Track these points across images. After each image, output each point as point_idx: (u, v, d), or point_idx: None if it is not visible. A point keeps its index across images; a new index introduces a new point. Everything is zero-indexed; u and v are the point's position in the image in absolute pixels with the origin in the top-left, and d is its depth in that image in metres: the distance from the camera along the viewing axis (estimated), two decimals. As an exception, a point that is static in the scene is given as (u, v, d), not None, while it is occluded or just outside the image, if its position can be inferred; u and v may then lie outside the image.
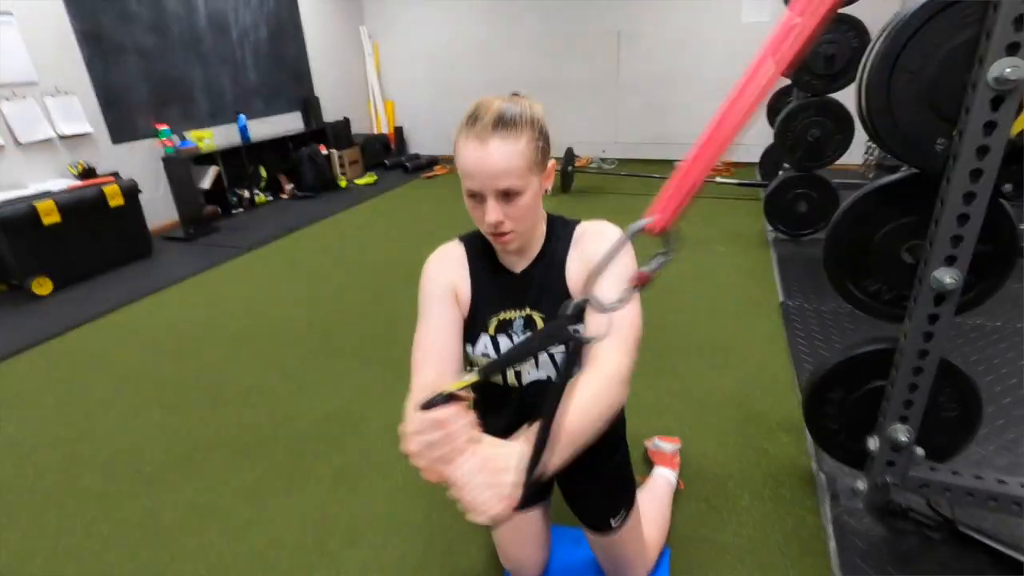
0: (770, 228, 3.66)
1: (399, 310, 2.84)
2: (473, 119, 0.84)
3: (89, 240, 3.46)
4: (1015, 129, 1.10)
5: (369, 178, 5.89)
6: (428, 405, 0.62)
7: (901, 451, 1.38)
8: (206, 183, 4.58)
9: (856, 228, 1.45)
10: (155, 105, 4.37)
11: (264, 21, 5.29)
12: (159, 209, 4.38)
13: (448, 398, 0.62)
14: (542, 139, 0.89)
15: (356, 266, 3.49)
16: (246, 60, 5.16)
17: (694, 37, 5.49)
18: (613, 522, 1.14)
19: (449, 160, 6.66)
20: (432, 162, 6.48)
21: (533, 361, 0.99)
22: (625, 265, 0.78)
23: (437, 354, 0.93)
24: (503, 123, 0.83)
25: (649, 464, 1.65)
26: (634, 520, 1.16)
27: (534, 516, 1.19)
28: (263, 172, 5.26)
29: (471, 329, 1.00)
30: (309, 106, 5.86)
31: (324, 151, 5.65)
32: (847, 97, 3.09)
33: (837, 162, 3.24)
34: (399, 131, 6.97)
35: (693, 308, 2.69)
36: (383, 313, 2.81)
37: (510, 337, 0.99)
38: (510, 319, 0.99)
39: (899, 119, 1.22)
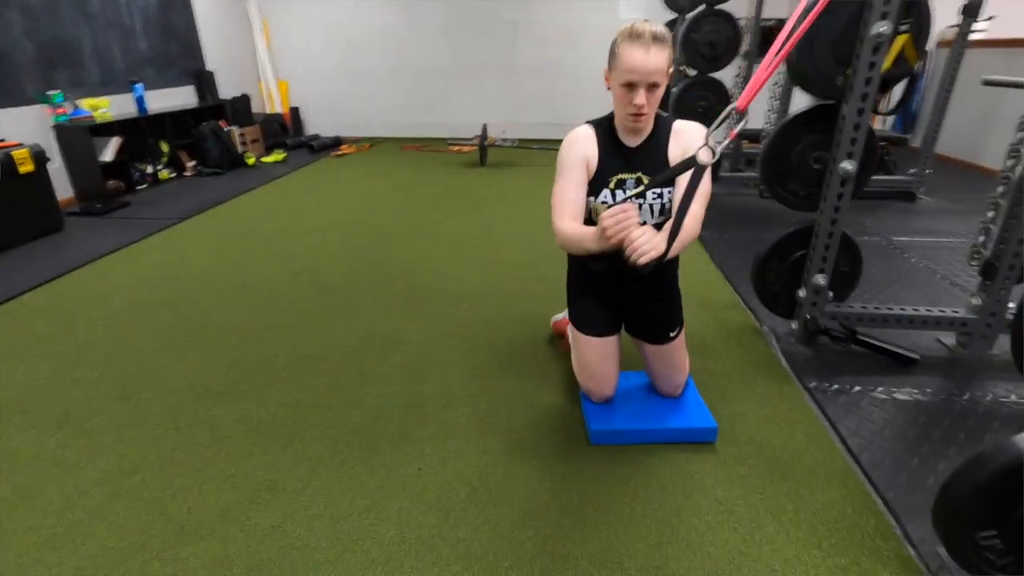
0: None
1: (360, 271, 3.06)
2: (637, 34, 1.26)
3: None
4: (885, 66, 1.78)
5: (277, 156, 5.76)
6: (614, 204, 1.15)
7: (820, 293, 2.05)
8: (108, 155, 4.23)
9: (781, 146, 2.10)
10: (43, 68, 3.95)
11: (151, -15, 4.95)
12: (55, 182, 3.97)
13: (624, 200, 1.20)
14: (672, 50, 1.33)
15: (301, 233, 3.57)
16: (135, 26, 4.80)
17: (579, 30, 6.23)
18: (672, 334, 1.63)
19: (357, 140, 6.71)
20: (336, 142, 6.48)
21: (649, 211, 1.46)
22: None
23: (571, 204, 1.44)
24: (657, 38, 1.26)
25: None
26: (683, 333, 1.66)
27: (614, 340, 1.65)
28: (164, 147, 4.94)
29: (596, 184, 1.45)
30: (203, 80, 5.57)
31: (226, 128, 5.42)
32: (725, 76, 3.94)
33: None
34: (295, 111, 6.83)
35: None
36: (343, 278, 3.02)
37: (623, 190, 1.45)
38: (624, 178, 1.45)
39: (816, 65, 1.85)
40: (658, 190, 1.44)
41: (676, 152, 1.41)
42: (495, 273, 2.85)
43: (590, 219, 1.51)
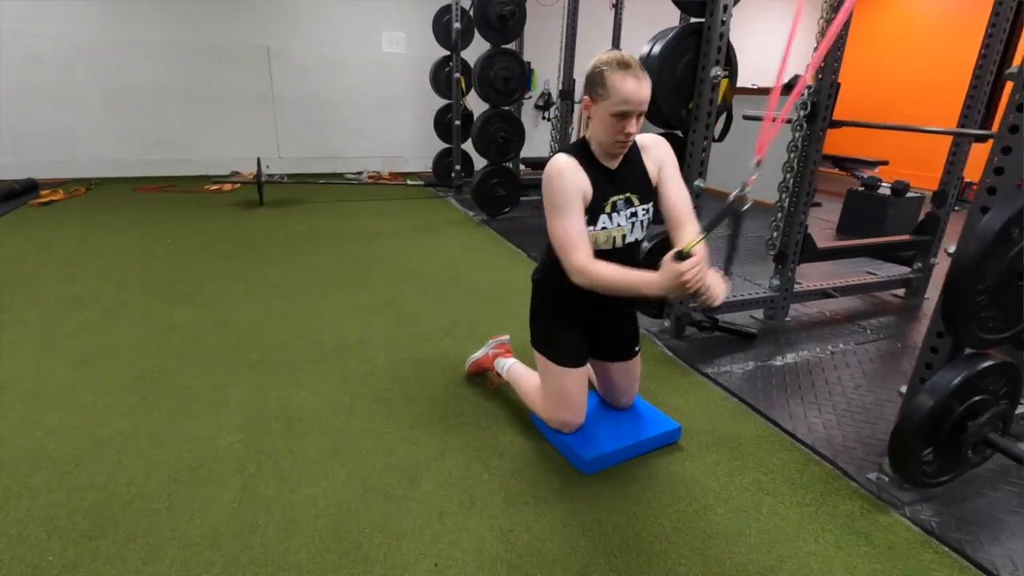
0: (473, 213, 4.60)
1: (200, 343, 2.43)
2: (626, 64, 1.30)
3: None
4: (719, 98, 2.19)
5: (-66, 209, 4.03)
6: (682, 257, 1.23)
7: (685, 292, 2.40)
8: None
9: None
10: None
11: None
12: None
13: (689, 252, 1.25)
14: None
15: (51, 315, 2.62)
16: None
17: (341, 60, 6.00)
18: (636, 348, 1.71)
19: (63, 183, 5.15)
20: (31, 186, 4.87)
21: (631, 228, 1.50)
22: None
23: (583, 238, 1.42)
24: (642, 68, 1.33)
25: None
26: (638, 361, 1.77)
27: (588, 368, 1.64)
28: None
29: (593, 211, 1.45)
30: None
31: None
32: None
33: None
34: (-55, 147, 4.91)
35: (471, 266, 3.31)
36: (166, 359, 2.35)
37: (617, 212, 1.48)
38: (616, 200, 1.47)
39: (664, 100, 2.18)
40: (645, 205, 1.51)
41: (652, 167, 1.51)
42: (359, 319, 2.53)
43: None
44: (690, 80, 2.17)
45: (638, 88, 1.31)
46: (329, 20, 5.84)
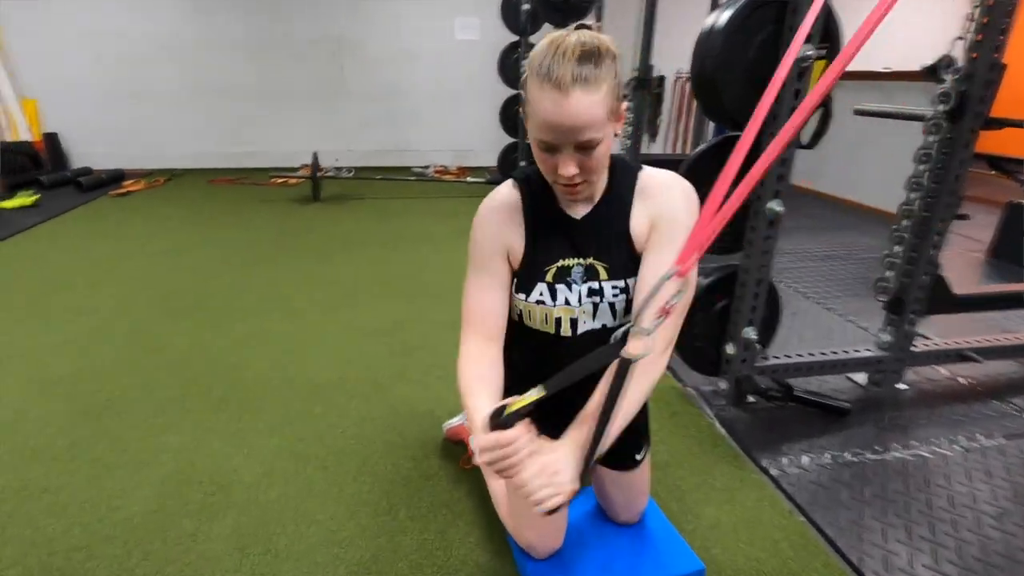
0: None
1: (190, 350, 2.23)
2: (549, 64, 0.77)
3: None
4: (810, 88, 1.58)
5: (24, 199, 4.31)
6: (496, 424, 0.78)
7: (750, 348, 1.80)
8: None
9: (695, 181, 1.83)
10: None
11: None
12: None
13: (513, 416, 0.78)
14: (618, 80, 0.84)
15: (61, 317, 2.56)
16: None
17: (413, 49, 5.74)
18: (638, 456, 1.20)
19: (144, 174, 5.40)
20: (119, 176, 5.14)
21: (592, 311, 0.97)
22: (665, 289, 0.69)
23: (486, 316, 0.98)
24: (584, 69, 0.77)
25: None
26: (647, 464, 1.24)
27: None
28: None
29: (526, 279, 0.96)
30: None
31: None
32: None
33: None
34: (52, 138, 5.29)
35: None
36: (169, 358, 2.16)
37: (568, 285, 0.96)
38: (569, 266, 0.96)
39: (730, 88, 1.59)
40: (616, 282, 0.97)
41: (642, 222, 0.95)
42: (353, 347, 2.21)
43: (522, 323, 1.03)
44: (769, 62, 1.57)
45: (561, 108, 0.77)
46: (401, 8, 5.59)
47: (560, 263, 0.96)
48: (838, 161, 4.61)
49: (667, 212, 0.93)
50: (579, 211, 0.96)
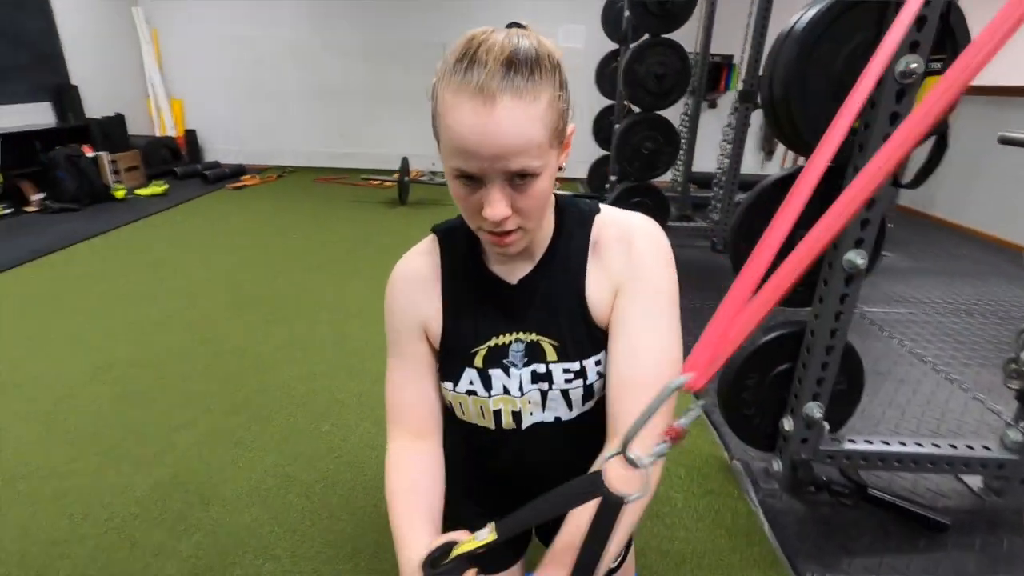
0: (610, 235, 3.89)
1: (234, 345, 2.29)
2: (469, 62, 0.56)
3: None
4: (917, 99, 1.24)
5: (156, 187, 4.85)
6: (437, 571, 0.60)
7: (814, 427, 1.46)
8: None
9: (757, 221, 1.52)
10: None
11: (-11, -19, 4.05)
12: None
13: (458, 563, 0.59)
14: (564, 92, 0.62)
15: (158, 297, 2.77)
16: (-39, 28, 3.87)
17: (516, 57, 5.69)
18: (613, 563, 0.96)
19: (263, 169, 5.87)
20: (239, 171, 5.63)
21: (540, 400, 0.76)
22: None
23: (406, 410, 0.78)
24: (516, 72, 0.56)
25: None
26: (631, 558, 1.00)
27: (516, 572, 0.95)
28: (-4, 177, 3.98)
29: (450, 365, 0.74)
30: (64, 96, 4.64)
31: (90, 153, 4.51)
32: (673, 114, 3.45)
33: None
34: (192, 135, 5.94)
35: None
36: (213, 351, 2.24)
37: (505, 369, 0.73)
38: (504, 345, 0.73)
39: (809, 110, 1.29)
40: (569, 364, 0.73)
41: (602, 285, 0.71)
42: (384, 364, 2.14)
43: (454, 415, 0.81)
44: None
45: (483, 124, 0.55)
46: (505, 13, 5.57)
47: (492, 342, 0.73)
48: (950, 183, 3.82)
49: (634, 270, 0.69)
50: (516, 272, 0.73)
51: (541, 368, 0.73)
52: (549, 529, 0.88)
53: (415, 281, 0.75)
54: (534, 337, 0.73)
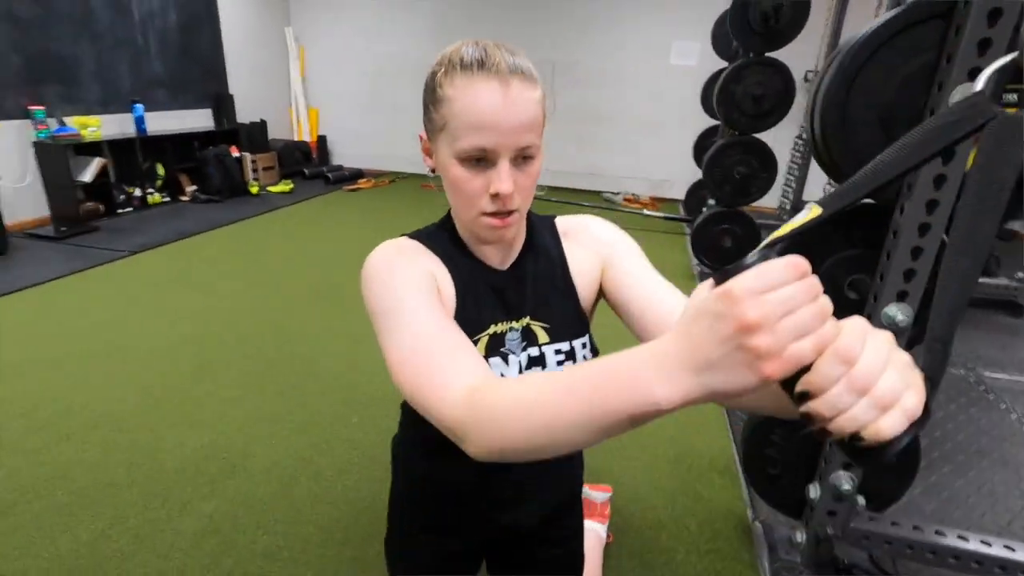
0: (695, 261, 3.69)
1: (302, 330, 2.52)
2: (478, 58, 0.61)
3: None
4: (968, 162, 1.05)
5: (284, 186, 5.46)
6: (740, 267, 0.35)
7: (843, 500, 1.28)
8: (88, 176, 4.01)
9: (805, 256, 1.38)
10: (29, 82, 3.79)
11: (174, 7, 4.84)
12: (24, 202, 3.78)
13: (780, 243, 0.37)
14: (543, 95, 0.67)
15: (257, 281, 3.12)
16: (150, 46, 4.66)
17: (624, 73, 5.62)
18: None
19: (378, 174, 6.37)
20: (357, 175, 6.16)
21: None
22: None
23: (456, 346, 0.60)
24: (518, 64, 0.62)
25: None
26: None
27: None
28: (160, 170, 4.73)
29: None
30: (222, 104, 5.39)
31: (236, 153, 5.19)
32: (772, 138, 3.20)
33: (755, 203, 3.31)
34: (323, 140, 6.60)
35: (627, 341, 2.58)
36: (283, 335, 2.48)
37: (504, 357, 0.72)
38: (502, 333, 0.72)
39: (853, 142, 1.14)
40: (561, 345, 0.74)
41: (585, 267, 0.75)
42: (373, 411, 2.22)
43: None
44: (918, 104, 1.09)
45: (501, 101, 0.60)
46: (617, 30, 5.53)
47: (492, 330, 0.73)
48: None
49: (614, 242, 0.77)
50: (501, 261, 0.74)
51: (535, 352, 0.74)
52: (520, 547, 0.88)
53: (424, 253, 0.71)
54: (527, 322, 0.74)
